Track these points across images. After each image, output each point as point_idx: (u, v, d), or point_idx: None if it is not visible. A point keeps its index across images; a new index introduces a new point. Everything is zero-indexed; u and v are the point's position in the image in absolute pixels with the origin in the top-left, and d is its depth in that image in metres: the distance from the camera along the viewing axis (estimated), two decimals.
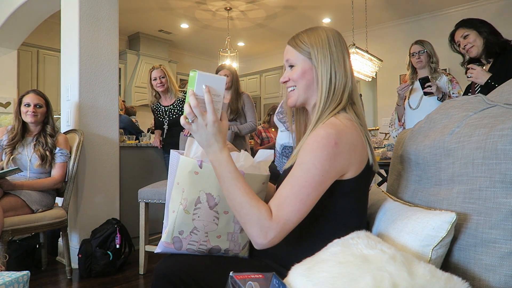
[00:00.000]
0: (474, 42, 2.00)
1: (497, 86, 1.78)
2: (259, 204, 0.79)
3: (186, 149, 0.94)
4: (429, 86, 2.33)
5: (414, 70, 2.64)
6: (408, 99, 2.61)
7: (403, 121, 2.68)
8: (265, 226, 0.77)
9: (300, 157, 0.84)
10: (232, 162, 0.82)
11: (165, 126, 3.02)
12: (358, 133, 0.87)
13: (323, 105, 0.90)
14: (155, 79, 2.94)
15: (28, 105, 2.17)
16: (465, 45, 2.04)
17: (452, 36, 2.13)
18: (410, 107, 2.58)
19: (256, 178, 0.91)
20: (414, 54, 2.57)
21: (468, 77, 1.99)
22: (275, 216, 0.78)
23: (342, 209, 0.89)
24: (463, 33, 2.04)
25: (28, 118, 2.18)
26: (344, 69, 0.91)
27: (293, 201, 0.79)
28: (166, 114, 3.02)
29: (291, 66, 0.95)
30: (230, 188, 0.80)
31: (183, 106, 2.97)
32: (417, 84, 2.56)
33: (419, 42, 2.59)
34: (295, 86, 0.95)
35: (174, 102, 3.02)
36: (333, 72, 0.90)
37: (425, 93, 2.38)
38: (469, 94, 2.09)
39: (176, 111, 3.01)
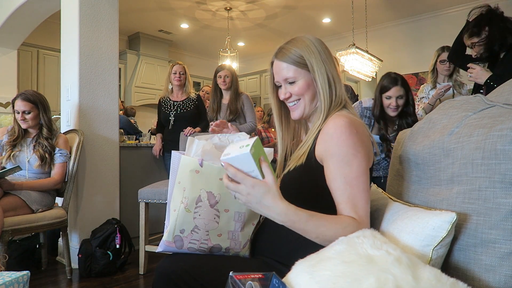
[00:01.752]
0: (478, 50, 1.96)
1: (496, 87, 1.77)
2: (343, 220, 0.80)
3: (187, 149, 0.94)
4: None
5: (436, 74, 2.67)
6: (440, 101, 2.63)
7: None
8: (348, 226, 0.79)
9: (333, 152, 0.85)
10: (296, 207, 0.77)
11: (171, 118, 3.03)
12: (365, 126, 0.91)
13: (327, 110, 0.94)
14: (175, 73, 3.00)
15: (18, 112, 2.15)
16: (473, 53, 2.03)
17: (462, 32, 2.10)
18: None
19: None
20: (445, 61, 2.58)
21: (468, 77, 1.98)
22: (360, 218, 0.81)
23: None
24: (470, 42, 2.00)
25: (20, 124, 2.18)
26: (336, 70, 0.95)
27: (361, 195, 0.82)
28: (173, 108, 3.04)
29: (292, 82, 0.96)
30: (316, 230, 0.78)
31: (192, 104, 3.04)
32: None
33: (448, 50, 2.60)
34: (299, 100, 0.97)
35: (184, 99, 3.06)
36: (330, 75, 0.94)
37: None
38: (481, 91, 2.07)
39: (185, 106, 3.04)
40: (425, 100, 2.72)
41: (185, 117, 3.00)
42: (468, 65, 1.98)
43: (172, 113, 3.04)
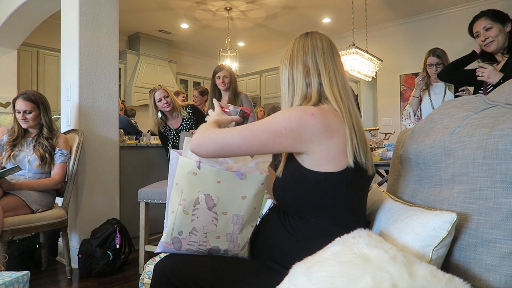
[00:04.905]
0: (495, 37, 1.89)
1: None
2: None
3: (184, 149, 0.94)
4: (463, 90, 2.33)
5: (428, 76, 2.69)
6: (431, 100, 2.64)
7: (418, 115, 2.69)
8: (206, 130, 0.87)
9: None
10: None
11: (169, 147, 2.93)
12: (340, 124, 0.88)
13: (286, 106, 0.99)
14: (160, 101, 2.81)
15: (19, 112, 2.15)
16: (485, 38, 1.92)
17: (471, 24, 2.01)
18: (433, 108, 2.61)
19: (255, 179, 0.91)
20: (432, 65, 2.61)
21: (479, 76, 1.91)
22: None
23: (334, 207, 0.89)
24: (486, 24, 1.91)
25: (21, 124, 2.18)
26: (303, 70, 0.96)
27: (246, 127, 0.85)
28: (175, 137, 2.94)
29: None
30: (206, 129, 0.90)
31: (190, 125, 2.94)
32: (435, 86, 2.64)
33: (436, 54, 2.60)
34: None
35: (182, 123, 2.94)
36: (291, 77, 0.98)
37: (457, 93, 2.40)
38: (480, 91, 2.05)
39: (185, 130, 2.93)
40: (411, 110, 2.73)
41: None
42: (479, 64, 1.92)
43: (173, 143, 2.94)
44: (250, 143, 0.83)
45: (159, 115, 2.89)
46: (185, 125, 2.94)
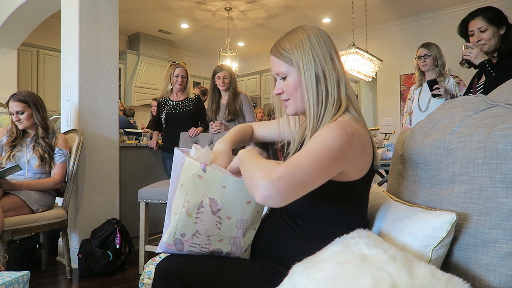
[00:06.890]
0: (488, 41, 1.87)
1: (494, 75, 1.75)
2: (272, 162, 0.75)
3: (193, 152, 0.94)
4: (437, 88, 2.34)
5: (421, 72, 2.69)
6: (418, 101, 2.64)
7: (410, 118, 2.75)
8: (269, 168, 0.70)
9: (316, 133, 0.80)
10: (255, 154, 0.86)
11: (162, 116, 3.02)
12: (367, 135, 0.86)
13: (316, 110, 0.88)
14: (177, 76, 2.97)
15: (12, 113, 2.15)
16: (478, 40, 1.89)
17: (466, 22, 1.96)
18: (420, 109, 2.62)
19: None
20: (420, 57, 2.61)
21: (466, 55, 1.85)
22: (285, 162, 0.71)
23: (344, 212, 0.89)
24: (481, 26, 1.88)
25: (17, 125, 2.18)
26: (333, 66, 0.89)
27: (308, 156, 0.71)
28: (172, 108, 3.02)
29: (284, 78, 0.93)
30: (248, 163, 0.80)
31: (191, 104, 3.04)
32: (425, 86, 2.61)
33: (425, 46, 2.61)
34: (291, 98, 0.93)
35: (183, 99, 3.05)
36: (320, 73, 0.88)
37: (433, 95, 2.40)
38: (470, 93, 2.05)
39: (184, 106, 3.02)
40: (410, 103, 2.74)
41: (184, 116, 2.99)
42: (466, 44, 1.86)
43: (164, 112, 3.02)
44: (319, 174, 0.72)
45: (170, 87, 3.04)
46: (185, 102, 3.03)
